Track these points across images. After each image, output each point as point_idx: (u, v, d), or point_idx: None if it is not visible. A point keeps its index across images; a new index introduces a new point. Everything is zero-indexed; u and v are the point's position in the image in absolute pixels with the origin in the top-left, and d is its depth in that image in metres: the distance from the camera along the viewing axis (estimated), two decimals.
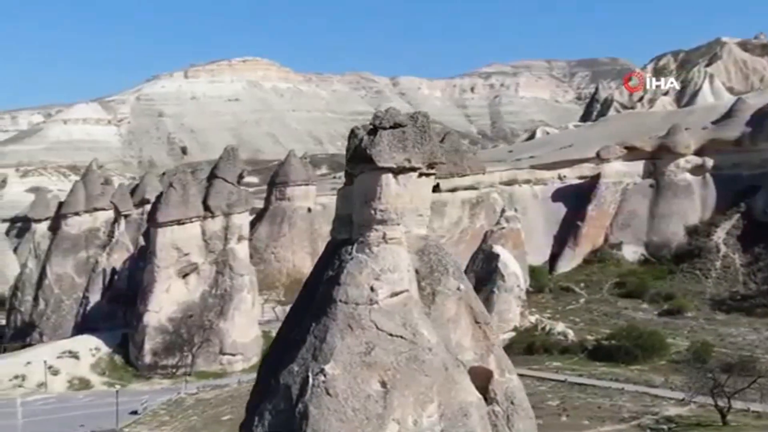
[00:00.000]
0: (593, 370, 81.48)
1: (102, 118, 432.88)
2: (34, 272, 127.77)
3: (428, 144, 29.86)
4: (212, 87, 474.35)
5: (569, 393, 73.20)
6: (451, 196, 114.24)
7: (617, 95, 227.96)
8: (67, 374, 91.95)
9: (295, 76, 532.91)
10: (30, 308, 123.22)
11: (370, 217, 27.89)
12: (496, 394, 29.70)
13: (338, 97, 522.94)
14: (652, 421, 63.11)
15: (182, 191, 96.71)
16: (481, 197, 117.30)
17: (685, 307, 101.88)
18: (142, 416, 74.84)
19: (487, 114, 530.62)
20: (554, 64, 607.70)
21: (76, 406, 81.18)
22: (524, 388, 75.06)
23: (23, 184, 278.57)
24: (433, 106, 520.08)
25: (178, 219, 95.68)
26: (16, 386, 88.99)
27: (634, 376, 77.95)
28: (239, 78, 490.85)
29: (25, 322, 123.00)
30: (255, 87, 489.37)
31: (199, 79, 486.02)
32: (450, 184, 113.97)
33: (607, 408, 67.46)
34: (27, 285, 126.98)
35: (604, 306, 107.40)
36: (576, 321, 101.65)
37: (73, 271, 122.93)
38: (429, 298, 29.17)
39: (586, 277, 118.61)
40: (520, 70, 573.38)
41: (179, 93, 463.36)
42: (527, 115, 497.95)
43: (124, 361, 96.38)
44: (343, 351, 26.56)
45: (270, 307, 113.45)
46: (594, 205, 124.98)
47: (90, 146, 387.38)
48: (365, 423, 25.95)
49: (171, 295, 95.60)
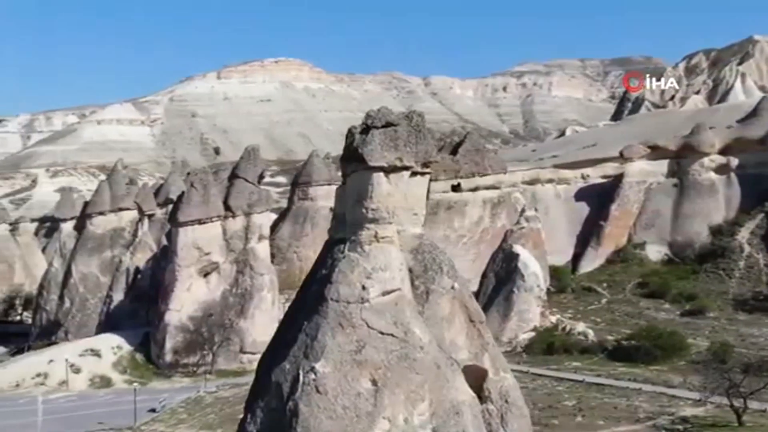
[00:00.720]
0: (612, 370, 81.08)
1: (135, 118, 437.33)
2: (59, 271, 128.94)
3: (423, 143, 29.89)
4: (245, 87, 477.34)
5: (586, 393, 72.87)
6: (472, 196, 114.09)
7: (648, 94, 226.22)
8: (89, 372, 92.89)
9: (327, 76, 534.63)
10: (55, 307, 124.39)
11: (362, 216, 27.98)
12: (491, 392, 29.63)
13: (370, 98, 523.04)
14: (667, 421, 62.69)
15: (203, 191, 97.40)
16: (502, 197, 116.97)
17: (708, 307, 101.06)
18: (160, 414, 75.41)
19: (520, 113, 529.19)
20: (588, 63, 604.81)
21: (96, 404, 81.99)
22: (542, 387, 75.51)
23: (53, 185, 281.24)
24: (466, 105, 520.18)
25: (199, 219, 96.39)
26: (38, 384, 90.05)
27: (653, 376, 77.47)
28: (271, 78, 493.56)
29: (50, 321, 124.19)
30: (287, 87, 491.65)
31: (232, 79, 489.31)
32: (471, 183, 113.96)
33: (623, 408, 67.07)
34: (52, 284, 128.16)
35: (626, 306, 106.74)
36: (597, 321, 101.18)
37: (98, 271, 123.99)
38: (423, 296, 29.19)
39: (609, 277, 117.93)
40: (553, 69, 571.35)
41: (212, 94, 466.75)
42: (560, 114, 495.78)
43: (146, 360, 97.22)
44: (334, 349, 26.66)
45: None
46: (617, 204, 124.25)
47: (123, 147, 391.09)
48: (355, 421, 26.04)
49: (192, 294, 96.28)
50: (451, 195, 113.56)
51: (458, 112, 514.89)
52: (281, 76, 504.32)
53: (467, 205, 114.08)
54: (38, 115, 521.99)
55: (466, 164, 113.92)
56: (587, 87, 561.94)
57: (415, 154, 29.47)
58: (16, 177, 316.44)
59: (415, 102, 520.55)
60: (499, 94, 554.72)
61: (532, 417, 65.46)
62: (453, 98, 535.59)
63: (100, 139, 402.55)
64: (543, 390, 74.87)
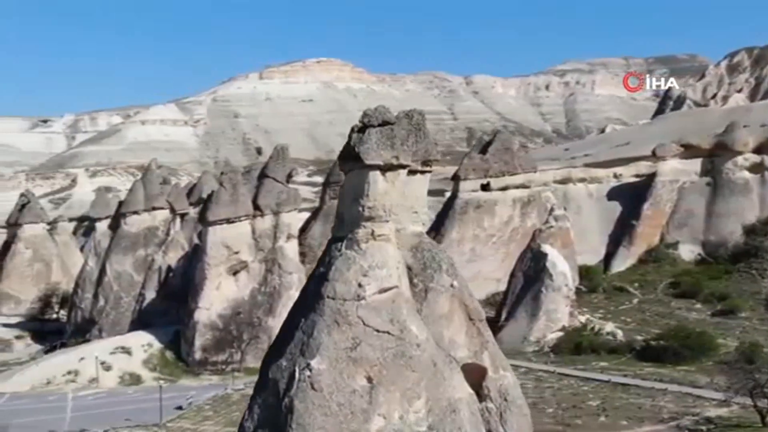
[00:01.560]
0: (639, 370, 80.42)
1: (179, 119, 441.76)
2: (94, 270, 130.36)
3: (423, 142, 30.10)
4: (286, 88, 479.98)
5: (612, 393, 72.43)
6: (501, 195, 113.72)
7: (690, 93, 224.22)
8: (119, 370, 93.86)
9: (369, 76, 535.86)
10: (90, 305, 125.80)
11: (359, 214, 28.19)
12: (490, 390, 29.77)
13: (411, 97, 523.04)
14: (691, 422, 62.16)
15: (232, 190, 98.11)
16: (532, 196, 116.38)
17: (739, 307, 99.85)
18: (186, 411, 76.02)
19: (562, 112, 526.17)
20: (631, 61, 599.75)
21: (124, 401, 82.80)
22: (568, 387, 75.19)
23: (92, 184, 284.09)
24: (507, 104, 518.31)
25: (228, 218, 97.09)
26: (69, 381, 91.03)
27: (680, 376, 76.75)
28: (313, 79, 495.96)
29: (85, 319, 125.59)
30: (329, 88, 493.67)
31: (274, 80, 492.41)
32: (501, 182, 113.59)
33: (648, 408, 66.61)
34: (87, 282, 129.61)
35: (658, 306, 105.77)
36: (627, 321, 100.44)
37: (132, 269, 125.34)
38: (421, 294, 29.39)
39: (641, 276, 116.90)
40: (596, 68, 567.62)
41: (254, 94, 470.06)
42: (603, 113, 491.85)
43: (176, 357, 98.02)
44: (330, 346, 26.91)
45: None
46: (649, 203, 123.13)
47: (167, 147, 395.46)
48: (350, 417, 26.27)
49: (221, 293, 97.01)
50: (480, 194, 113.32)
51: (500, 111, 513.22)
52: (323, 77, 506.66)
53: (497, 205, 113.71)
54: (83, 115, 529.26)
55: (495, 163, 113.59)
56: None
57: (414, 153, 29.67)
58: (56, 177, 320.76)
59: (456, 101, 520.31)
60: (542, 93, 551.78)
61: (555, 416, 66.03)
62: (495, 97, 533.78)
63: (144, 140, 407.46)
64: (568, 390, 74.59)
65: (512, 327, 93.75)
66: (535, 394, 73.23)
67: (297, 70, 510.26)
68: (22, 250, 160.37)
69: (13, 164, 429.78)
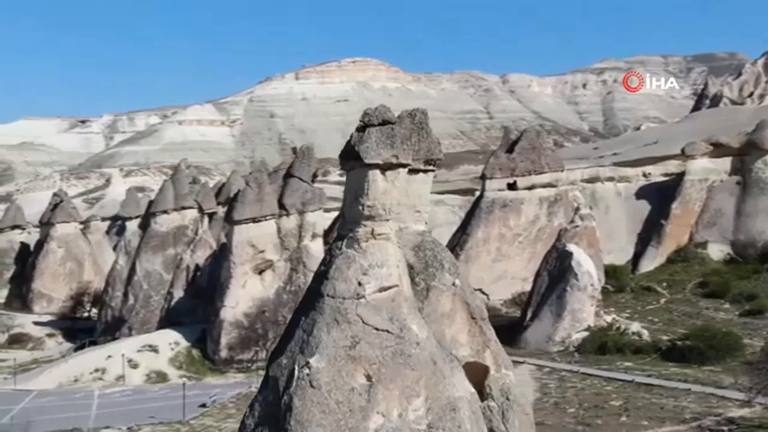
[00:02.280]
0: (664, 370, 79.80)
1: (216, 119, 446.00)
2: (124, 268, 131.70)
3: (425, 141, 30.23)
4: (322, 88, 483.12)
5: (634, 393, 71.95)
6: (528, 194, 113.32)
7: (726, 91, 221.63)
8: (146, 368, 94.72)
9: (405, 75, 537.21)
10: (120, 303, 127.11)
11: (358, 213, 28.34)
12: (492, 389, 29.86)
13: (447, 96, 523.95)
14: (713, 422, 61.60)
15: (258, 190, 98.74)
16: (559, 195, 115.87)
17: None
18: (209, 409, 76.62)
19: (600, 111, 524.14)
20: (670, 59, 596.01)
21: (149, 398, 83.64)
22: (591, 387, 74.94)
23: (126, 184, 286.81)
24: (544, 103, 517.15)
25: (254, 217, 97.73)
26: (96, 379, 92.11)
27: (704, 376, 76.09)
28: (349, 78, 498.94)
29: (115, 317, 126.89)
30: (364, 87, 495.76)
31: (310, 80, 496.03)
32: (527, 181, 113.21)
33: (670, 409, 66.10)
34: (117, 281, 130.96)
35: (685, 306, 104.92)
36: (654, 321, 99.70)
37: (161, 268, 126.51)
38: (423, 293, 29.52)
39: (669, 276, 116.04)
40: (634, 66, 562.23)
41: (290, 94, 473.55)
42: (641, 111, 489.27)
43: (202, 356, 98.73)
44: (329, 344, 27.09)
45: None
46: (678, 203, 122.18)
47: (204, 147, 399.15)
48: (348, 415, 26.42)
49: (247, 291, 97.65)
50: (506, 193, 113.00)
51: (536, 110, 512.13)
52: (358, 76, 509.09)
53: (523, 204, 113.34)
54: (121, 116, 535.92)
55: (522, 162, 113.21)
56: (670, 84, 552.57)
57: (416, 152, 29.80)
58: (90, 177, 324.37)
59: (492, 100, 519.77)
60: (579, 92, 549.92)
61: (576, 416, 65.83)
62: (531, 96, 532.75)
63: (181, 140, 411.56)
64: (591, 390, 74.23)
65: (537, 327, 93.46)
66: (557, 393, 73.09)
67: (332, 70, 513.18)
68: (55, 249, 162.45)
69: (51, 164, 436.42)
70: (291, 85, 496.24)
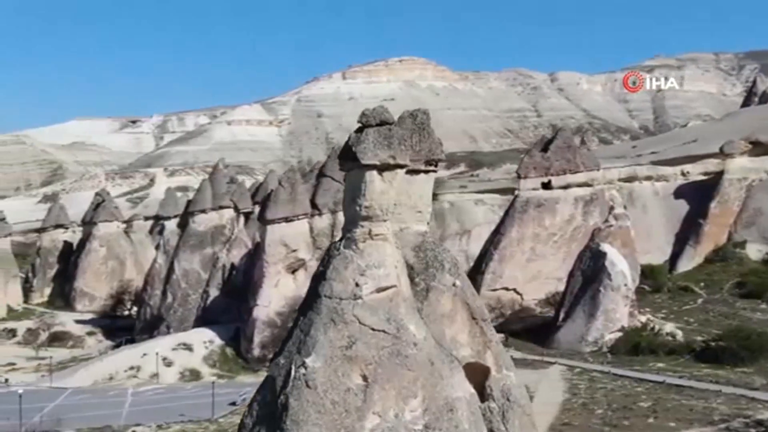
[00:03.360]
0: (696, 371, 78.95)
1: (264, 119, 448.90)
2: (163, 267, 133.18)
3: (427, 141, 30.26)
4: (369, 87, 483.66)
5: (665, 395, 71.30)
6: (563, 193, 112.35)
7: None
8: (180, 366, 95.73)
9: (452, 74, 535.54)
10: (159, 302, 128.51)
11: (356, 214, 28.43)
12: (492, 390, 29.75)
13: (494, 95, 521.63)
14: (741, 424, 60.91)
15: (291, 189, 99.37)
16: (595, 194, 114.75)
17: None
18: (239, 407, 77.16)
19: (650, 109, 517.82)
20: (722, 56, 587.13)
21: (181, 396, 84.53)
22: (621, 388, 74.34)
23: (170, 184, 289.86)
24: (593, 101, 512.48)
25: (286, 216, 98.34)
26: (131, 377, 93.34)
27: (736, 378, 75.19)
28: (396, 78, 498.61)
29: (153, 316, 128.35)
30: (411, 86, 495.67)
31: (357, 79, 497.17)
32: (562, 181, 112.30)
33: (700, 410, 65.42)
34: (156, 280, 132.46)
35: (722, 306, 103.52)
36: (689, 321, 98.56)
37: (199, 267, 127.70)
38: (422, 293, 29.51)
39: (707, 276, 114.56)
40: (685, 63, 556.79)
41: (337, 94, 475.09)
42: (693, 109, 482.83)
43: (235, 354, 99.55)
44: (325, 345, 27.19)
45: None
46: (717, 202, 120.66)
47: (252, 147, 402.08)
48: (344, 415, 26.51)
49: (279, 290, 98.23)
50: (541, 192, 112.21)
51: (586, 108, 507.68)
52: (405, 75, 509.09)
53: (558, 203, 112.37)
54: (171, 116, 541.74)
55: (557, 161, 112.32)
56: (721, 81, 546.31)
57: (417, 153, 29.84)
58: (135, 176, 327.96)
59: (540, 98, 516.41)
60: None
61: (604, 417, 65.47)
62: (580, 94, 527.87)
63: (229, 140, 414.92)
64: (621, 391, 73.68)
65: (570, 327, 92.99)
66: (586, 394, 72.68)
67: (379, 69, 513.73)
68: (97, 248, 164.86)
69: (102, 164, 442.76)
70: (338, 85, 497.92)
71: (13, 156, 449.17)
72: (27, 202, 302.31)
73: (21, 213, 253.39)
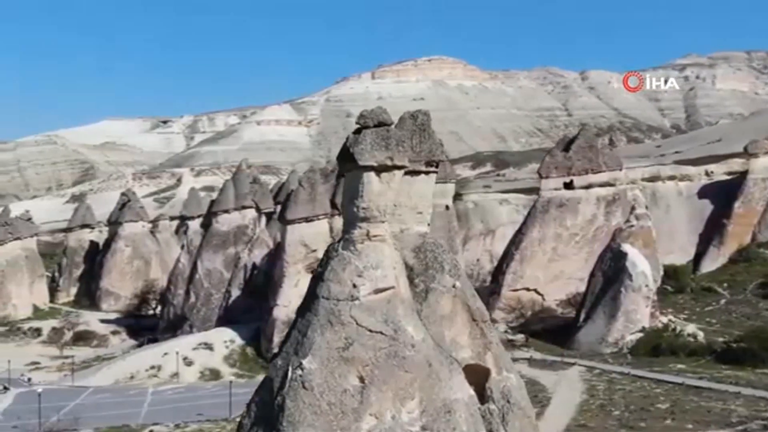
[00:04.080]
0: (716, 373, 78.36)
1: (293, 119, 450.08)
2: (186, 267, 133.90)
3: (427, 142, 30.19)
4: (398, 87, 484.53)
5: (683, 396, 70.80)
6: (585, 193, 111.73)
7: None
8: (200, 365, 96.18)
9: (481, 73, 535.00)
10: (182, 301, 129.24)
11: (354, 215, 28.36)
12: (492, 392, 29.57)
13: (524, 94, 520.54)
14: (759, 426, 60.31)
15: (310, 190, 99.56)
16: (618, 194, 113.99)
17: None
18: None
19: (682, 107, 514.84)
20: (754, 55, 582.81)
21: (201, 395, 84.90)
22: (640, 390, 73.86)
23: (196, 183, 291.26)
24: (625, 100, 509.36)
25: (306, 216, 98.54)
26: (151, 376, 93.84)
27: (756, 379, 74.50)
28: (425, 77, 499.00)
29: (177, 315, 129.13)
30: (440, 86, 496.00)
31: (386, 79, 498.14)
32: (584, 180, 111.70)
33: (717, 412, 64.93)
34: (179, 279, 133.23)
35: (745, 307, 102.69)
36: (711, 322, 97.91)
37: (222, 266, 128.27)
38: (422, 295, 29.39)
39: (731, 277, 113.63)
40: (717, 62, 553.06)
41: (366, 94, 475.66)
42: (725, 108, 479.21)
43: (255, 354, 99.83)
44: (322, 346, 27.16)
45: None
46: (741, 202, 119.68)
47: (281, 147, 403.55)
48: (340, 417, 26.46)
49: (299, 290, 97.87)
50: (563, 192, 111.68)
51: (616, 107, 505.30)
52: (434, 75, 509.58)
53: (580, 203, 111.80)
54: (201, 116, 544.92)
55: (579, 161, 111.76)
56: (753, 80, 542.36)
57: (417, 153, 29.78)
58: (162, 176, 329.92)
59: (570, 97, 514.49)
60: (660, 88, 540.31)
61: (621, 419, 65.10)
62: (611, 92, 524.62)
63: (259, 140, 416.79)
64: (640, 392, 73.26)
65: (590, 328, 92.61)
66: (605, 396, 72.34)
67: (408, 69, 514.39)
68: (122, 248, 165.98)
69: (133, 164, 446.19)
70: (367, 85, 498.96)
71: (45, 156, 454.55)
72: (55, 202, 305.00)
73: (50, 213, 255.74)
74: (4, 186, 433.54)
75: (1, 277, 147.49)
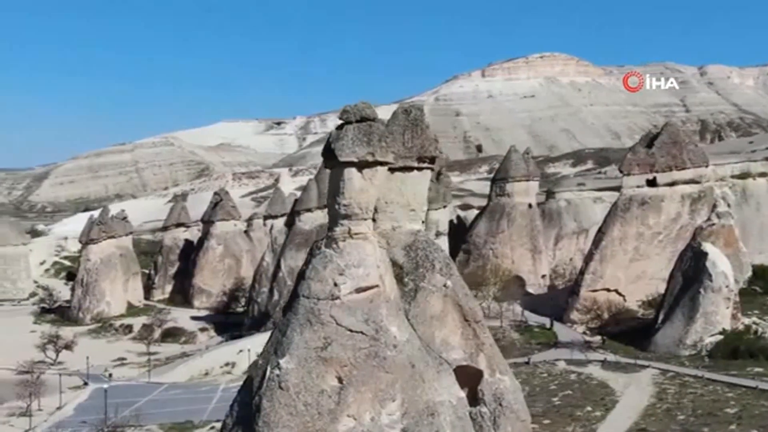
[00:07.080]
0: None
1: None
2: (270, 265, 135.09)
3: (419, 138, 29.58)
4: (508, 85, 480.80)
5: (755, 401, 67.81)
6: (669, 191, 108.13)
7: None
8: None
9: (595, 69, 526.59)
10: (266, 299, 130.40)
11: (336, 212, 27.98)
12: (484, 394, 28.87)
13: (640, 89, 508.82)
14: None
15: None
16: (703, 192, 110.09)
17: None
18: None
19: None
20: None
21: None
22: (711, 393, 71.35)
23: (294, 183, 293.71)
24: (744, 95, 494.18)
25: None
26: (225, 373, 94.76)
27: None
28: (536, 74, 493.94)
29: (261, 312, 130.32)
30: (552, 83, 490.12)
31: (496, 77, 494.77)
32: (668, 178, 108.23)
33: None
34: (264, 277, 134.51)
35: None
36: None
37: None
38: (411, 294, 28.84)
39: None
40: None
41: (476, 92, 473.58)
42: None
43: None
44: (300, 345, 26.85)
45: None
46: None
47: None
48: (316, 418, 26.12)
49: None
50: (645, 190, 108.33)
51: (736, 103, 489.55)
52: (546, 72, 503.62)
53: (663, 201, 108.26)
54: (313, 117, 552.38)
55: (662, 157, 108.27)
56: None
57: (408, 149, 29.20)
58: (260, 176, 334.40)
59: (688, 93, 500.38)
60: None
61: (685, 424, 62.73)
62: (731, 88, 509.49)
63: None
64: (710, 396, 70.48)
65: (668, 330, 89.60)
66: (673, 399, 69.90)
67: (519, 66, 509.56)
68: (214, 246, 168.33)
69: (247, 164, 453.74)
70: (477, 83, 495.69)
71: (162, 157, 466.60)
72: (158, 202, 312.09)
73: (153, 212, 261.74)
74: (122, 186, 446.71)
75: (95, 275, 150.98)
